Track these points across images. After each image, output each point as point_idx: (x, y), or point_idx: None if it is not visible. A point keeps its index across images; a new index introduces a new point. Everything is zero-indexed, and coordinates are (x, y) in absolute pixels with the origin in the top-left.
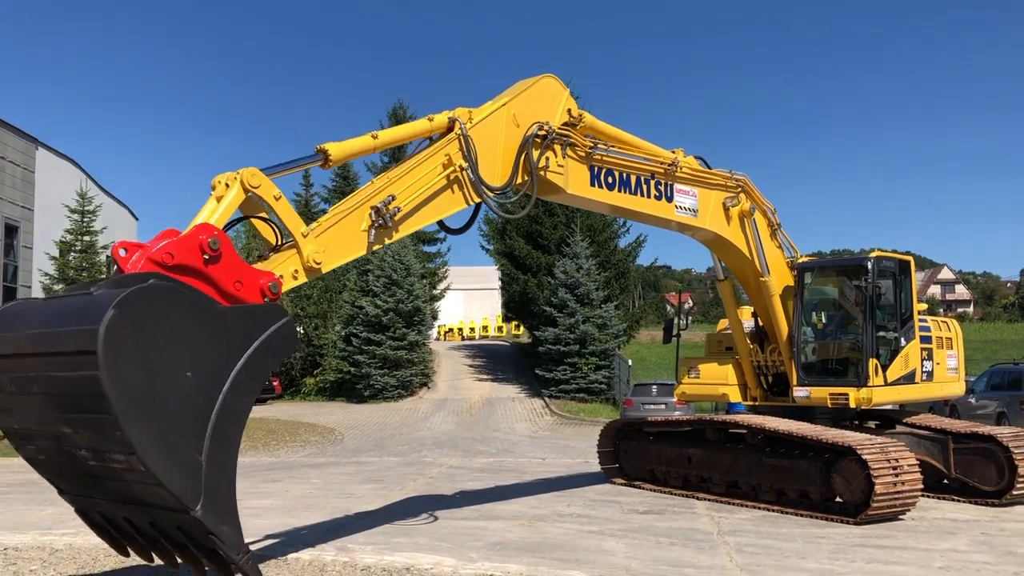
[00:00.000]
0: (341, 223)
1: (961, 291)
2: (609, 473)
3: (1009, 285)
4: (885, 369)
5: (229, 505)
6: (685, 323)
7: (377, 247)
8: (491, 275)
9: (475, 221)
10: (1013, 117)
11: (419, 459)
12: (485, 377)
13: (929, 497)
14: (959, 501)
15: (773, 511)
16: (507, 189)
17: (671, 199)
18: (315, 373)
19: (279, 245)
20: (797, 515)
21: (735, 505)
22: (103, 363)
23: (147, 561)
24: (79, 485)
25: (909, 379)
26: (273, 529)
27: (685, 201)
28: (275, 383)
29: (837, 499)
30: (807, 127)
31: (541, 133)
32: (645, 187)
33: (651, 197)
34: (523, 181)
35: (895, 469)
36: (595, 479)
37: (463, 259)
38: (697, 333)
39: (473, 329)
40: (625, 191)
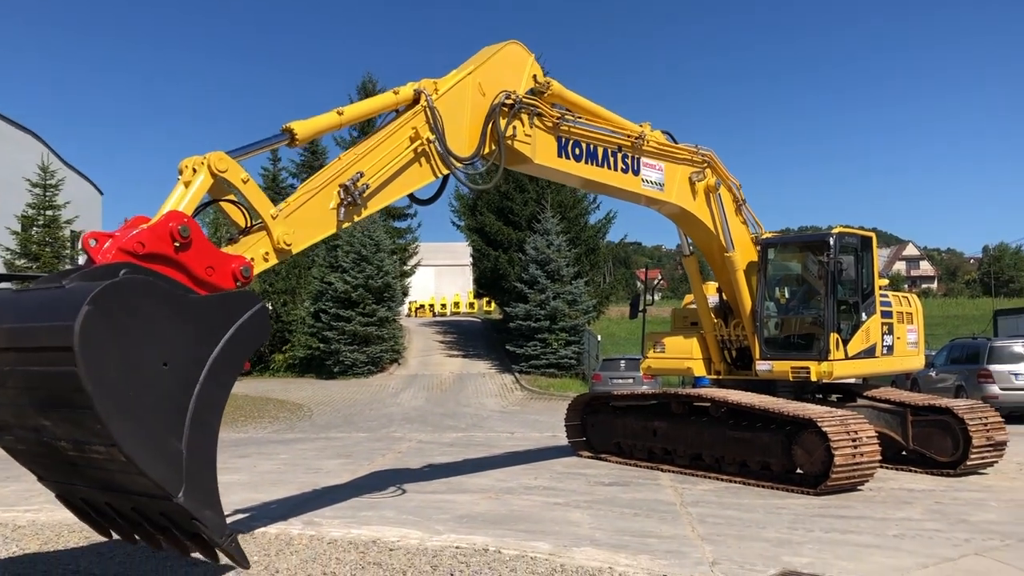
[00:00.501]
0: (310, 203)
1: (926, 267)
2: (576, 446)
3: (972, 262)
4: (846, 343)
5: (211, 490)
6: (652, 299)
7: (347, 225)
8: (462, 251)
9: (444, 192)
10: (980, 98)
11: (388, 434)
12: (456, 353)
13: (887, 468)
14: (916, 472)
15: (735, 482)
16: (475, 159)
17: (638, 172)
18: (284, 349)
19: (248, 227)
20: (759, 486)
21: (699, 477)
22: (80, 359)
23: (130, 542)
24: (60, 473)
25: (870, 353)
26: (241, 504)
27: (651, 175)
28: None
29: (798, 471)
30: (776, 105)
31: (508, 102)
32: (612, 160)
33: (618, 170)
34: (491, 151)
35: (854, 441)
36: (563, 452)
37: (434, 235)
38: (665, 309)
39: (444, 305)
40: (592, 163)
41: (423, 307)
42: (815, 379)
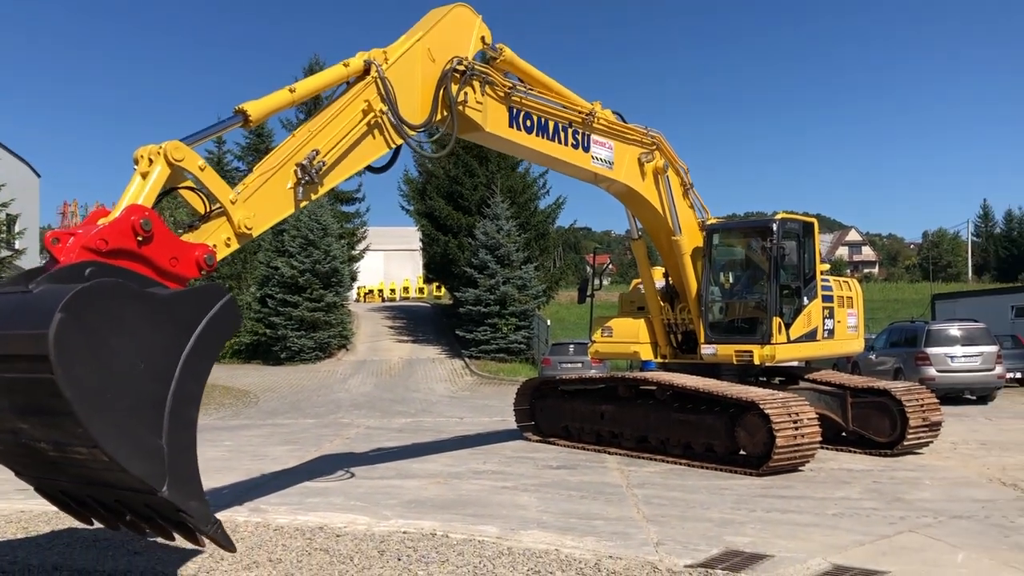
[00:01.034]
0: (267, 184)
1: (868, 252)
2: (525, 430)
3: (912, 247)
4: (788, 327)
5: (194, 481)
6: (600, 284)
7: (305, 203)
8: (412, 236)
9: (397, 159)
10: (924, 85)
11: (336, 420)
12: (405, 338)
13: (827, 449)
14: (855, 452)
15: (680, 464)
16: (428, 126)
17: (588, 149)
18: None
19: (207, 213)
20: (703, 468)
21: (645, 459)
22: (57, 366)
23: (113, 530)
24: (41, 471)
25: (811, 337)
26: None
27: (601, 152)
28: None
29: (741, 452)
30: (722, 90)
31: (460, 68)
32: (563, 134)
33: (568, 145)
34: (443, 117)
35: (795, 423)
36: (511, 436)
37: (383, 219)
38: (613, 293)
39: (393, 290)
40: (543, 136)
41: (372, 292)
42: (758, 362)
